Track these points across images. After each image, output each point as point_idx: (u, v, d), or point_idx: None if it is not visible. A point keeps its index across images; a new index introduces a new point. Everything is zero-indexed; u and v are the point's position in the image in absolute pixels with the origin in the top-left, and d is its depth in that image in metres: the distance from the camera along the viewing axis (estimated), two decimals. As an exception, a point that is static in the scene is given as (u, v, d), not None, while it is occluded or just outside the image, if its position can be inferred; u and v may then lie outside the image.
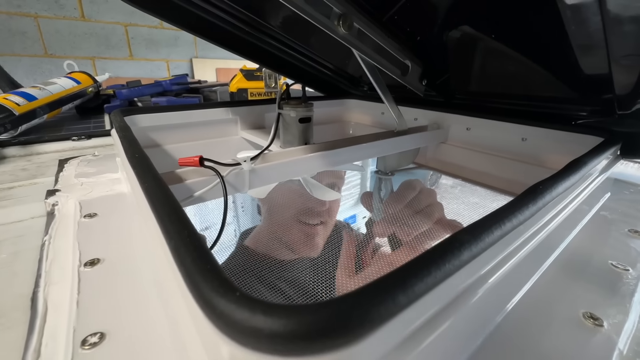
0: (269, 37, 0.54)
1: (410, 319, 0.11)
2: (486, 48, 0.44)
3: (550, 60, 0.39)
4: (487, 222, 0.14)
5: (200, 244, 0.12)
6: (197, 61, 2.40)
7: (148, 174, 0.18)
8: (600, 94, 0.38)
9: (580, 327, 0.18)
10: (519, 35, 0.39)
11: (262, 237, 0.45)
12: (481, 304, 0.15)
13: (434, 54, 0.48)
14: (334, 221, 0.46)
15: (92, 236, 0.26)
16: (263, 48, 0.56)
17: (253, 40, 0.54)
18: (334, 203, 0.46)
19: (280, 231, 0.44)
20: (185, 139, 0.51)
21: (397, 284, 0.10)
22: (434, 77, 0.51)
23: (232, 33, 0.51)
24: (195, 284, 0.10)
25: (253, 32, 0.52)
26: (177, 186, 0.27)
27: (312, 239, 0.42)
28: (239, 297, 0.09)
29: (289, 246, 0.42)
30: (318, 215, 0.44)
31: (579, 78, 0.38)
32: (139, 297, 0.19)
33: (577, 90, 0.39)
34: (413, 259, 0.11)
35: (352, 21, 0.34)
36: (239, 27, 0.50)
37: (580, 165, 0.22)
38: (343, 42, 0.34)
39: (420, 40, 0.46)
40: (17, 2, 1.74)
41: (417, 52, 0.46)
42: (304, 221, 0.44)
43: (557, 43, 0.36)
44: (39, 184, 0.38)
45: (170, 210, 0.14)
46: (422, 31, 0.45)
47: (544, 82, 0.42)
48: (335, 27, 0.33)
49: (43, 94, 0.56)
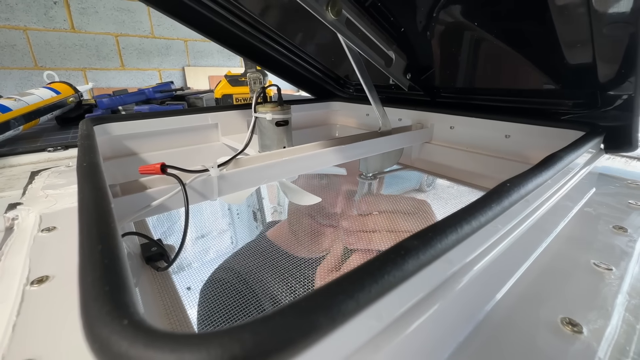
0: (260, 33, 0.54)
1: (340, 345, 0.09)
2: (471, 42, 0.43)
3: (535, 53, 0.38)
4: (441, 225, 0.13)
5: (113, 262, 0.11)
6: (189, 69, 2.40)
7: (87, 182, 0.17)
8: (584, 89, 0.37)
9: (557, 334, 0.17)
10: (505, 27, 0.38)
11: (282, 230, 0.46)
12: (443, 315, 0.14)
13: (419, 49, 0.47)
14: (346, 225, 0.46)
15: (46, 251, 0.24)
16: (254, 45, 0.56)
17: (247, 37, 0.54)
18: (347, 207, 0.46)
19: (296, 225, 0.44)
20: (165, 147, 0.50)
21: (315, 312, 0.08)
22: (419, 73, 0.50)
23: (226, 28, 0.52)
24: (86, 309, 0.09)
25: (247, 28, 0.52)
26: (137, 195, 0.26)
27: (317, 236, 0.42)
28: (125, 326, 0.08)
29: (300, 241, 0.42)
30: (328, 216, 0.44)
31: (563, 72, 0.37)
32: (78, 318, 0.18)
33: (561, 85, 0.38)
34: (340, 278, 0.10)
35: (340, 7, 0.34)
36: (232, 22, 0.51)
37: (555, 161, 0.21)
38: (331, 27, 0.34)
39: (405, 33, 0.45)
40: (5, 15, 1.73)
41: (401, 45, 0.45)
42: (315, 218, 0.44)
43: (543, 35, 0.35)
44: (4, 198, 0.36)
45: (91, 222, 0.13)
46: (407, 22, 0.45)
47: (528, 77, 0.41)
48: (324, 11, 0.33)
49: (18, 105, 0.54)
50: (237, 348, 0.07)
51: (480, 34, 0.41)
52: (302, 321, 0.08)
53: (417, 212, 0.30)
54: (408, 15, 0.44)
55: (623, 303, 0.19)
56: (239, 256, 0.45)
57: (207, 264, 0.52)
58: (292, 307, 0.08)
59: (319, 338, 0.08)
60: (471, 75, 0.47)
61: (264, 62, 0.61)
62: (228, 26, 0.52)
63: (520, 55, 0.39)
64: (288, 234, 0.45)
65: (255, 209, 0.90)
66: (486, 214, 0.14)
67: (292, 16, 0.50)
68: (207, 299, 0.36)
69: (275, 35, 0.55)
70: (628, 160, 0.45)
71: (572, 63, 0.35)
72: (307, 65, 0.64)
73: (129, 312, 0.08)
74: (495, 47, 0.41)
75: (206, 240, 0.74)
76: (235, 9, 0.49)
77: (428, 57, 0.48)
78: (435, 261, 0.12)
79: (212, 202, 0.31)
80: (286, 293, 0.34)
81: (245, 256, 0.44)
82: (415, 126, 0.50)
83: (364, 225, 0.29)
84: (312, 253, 0.40)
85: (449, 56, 0.46)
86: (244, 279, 0.38)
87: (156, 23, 2.20)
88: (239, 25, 0.53)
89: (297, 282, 0.34)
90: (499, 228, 0.17)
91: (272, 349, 0.07)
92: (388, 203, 0.31)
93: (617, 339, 0.17)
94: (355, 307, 0.09)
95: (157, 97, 0.78)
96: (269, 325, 0.08)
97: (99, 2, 1.99)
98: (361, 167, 0.48)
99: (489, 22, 0.39)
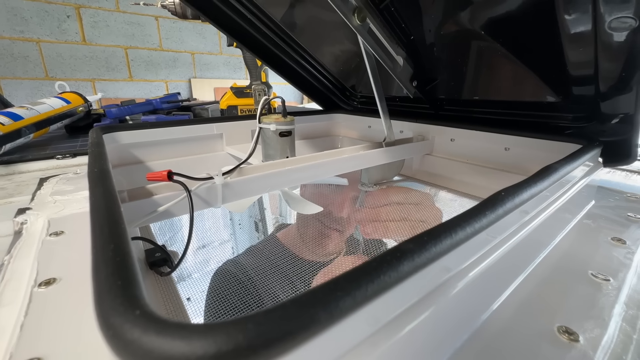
0: (280, 40, 0.58)
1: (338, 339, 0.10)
2: (477, 54, 0.44)
3: (538, 66, 0.39)
4: (436, 231, 0.13)
5: (124, 259, 0.11)
6: (195, 81, 2.45)
7: (98, 187, 0.18)
8: (584, 102, 0.38)
9: (554, 343, 0.17)
10: (510, 39, 0.39)
11: (291, 232, 0.47)
12: (439, 319, 0.14)
13: (425, 58, 0.49)
14: (351, 230, 0.46)
15: (54, 255, 0.25)
16: (273, 51, 0.60)
17: (268, 44, 0.58)
18: (352, 213, 0.47)
19: (303, 228, 0.45)
20: (171, 155, 0.51)
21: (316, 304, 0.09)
22: (424, 84, 0.51)
23: (254, 36, 0.56)
24: (100, 301, 0.09)
25: (271, 35, 0.56)
26: (144, 201, 0.26)
27: (324, 241, 0.43)
28: (137, 316, 0.08)
29: (306, 244, 0.42)
30: (335, 221, 0.45)
31: (564, 85, 0.38)
32: (86, 318, 0.18)
33: (562, 97, 0.39)
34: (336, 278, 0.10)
35: (365, 15, 0.37)
36: (261, 31, 0.55)
37: (550, 172, 0.21)
38: (356, 32, 0.38)
39: (414, 41, 0.47)
40: (20, 28, 1.79)
41: (409, 53, 0.48)
42: (324, 222, 0.45)
43: (547, 47, 0.36)
44: (14, 203, 0.37)
45: (103, 222, 0.13)
46: (416, 30, 0.46)
47: (530, 89, 0.42)
48: (351, 17, 0.36)
49: (30, 114, 0.56)
50: (241, 337, 0.08)
51: (485, 45, 0.42)
52: (302, 314, 0.09)
53: (423, 201, 0.32)
54: (418, 23, 0.46)
55: (620, 313, 0.19)
56: (248, 254, 0.46)
57: (208, 274, 0.52)
58: (293, 301, 0.09)
59: (318, 332, 0.09)
60: (474, 88, 0.48)
61: (281, 69, 0.64)
62: (255, 34, 0.56)
63: (522, 67, 0.40)
64: (296, 236, 0.46)
65: (257, 220, 0.91)
66: (480, 221, 0.15)
67: (311, 24, 0.54)
68: (214, 291, 0.37)
69: (292, 42, 0.59)
70: (628, 174, 0.46)
71: (574, 75, 0.35)
72: (318, 74, 0.66)
73: (140, 303, 0.09)
74: (499, 59, 0.42)
75: (207, 251, 0.74)
76: (265, 18, 0.53)
77: (434, 67, 0.49)
78: (430, 265, 0.12)
79: (214, 213, 0.31)
80: (290, 293, 0.34)
81: (254, 255, 0.45)
82: (417, 138, 0.51)
83: (378, 216, 0.30)
84: (319, 257, 0.41)
85: (454, 68, 0.47)
86: (250, 277, 0.38)
87: (164, 36, 2.26)
88: (267, 35, 0.57)
89: (302, 283, 0.35)
90: (493, 236, 0.17)
91: (274, 339, 0.08)
92: (396, 196, 0.32)
93: (613, 348, 0.17)
94: (352, 304, 0.10)
95: (164, 107, 0.80)
96: (271, 317, 0.08)
97: (110, 16, 2.05)
98: (362, 177, 0.49)
99: (496, 33, 0.40)
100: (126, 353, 0.08)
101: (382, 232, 0.31)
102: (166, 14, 2.17)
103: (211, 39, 2.45)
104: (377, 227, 0.30)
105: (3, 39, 1.76)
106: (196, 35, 2.39)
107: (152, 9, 1.37)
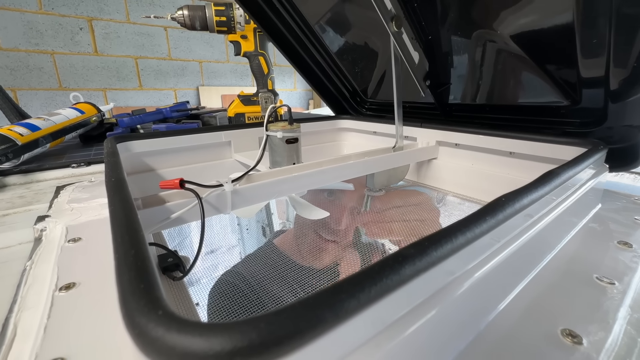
0: (307, 40, 0.62)
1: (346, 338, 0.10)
2: (490, 57, 0.45)
3: (549, 69, 0.39)
4: (437, 236, 0.14)
5: (144, 264, 0.12)
6: (203, 89, 2.50)
7: (117, 195, 0.19)
8: (592, 107, 0.38)
9: (557, 345, 0.17)
10: (524, 43, 0.40)
11: (287, 238, 0.47)
12: (443, 321, 0.15)
13: (439, 60, 0.50)
14: (348, 242, 0.47)
15: (73, 260, 0.26)
16: (299, 51, 0.64)
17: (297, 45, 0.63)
18: (351, 225, 0.47)
19: (300, 237, 0.45)
20: (181, 163, 0.52)
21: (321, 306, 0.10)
22: (435, 86, 0.53)
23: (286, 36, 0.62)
24: (125, 303, 0.10)
25: (301, 37, 0.61)
26: (157, 208, 0.27)
27: (320, 253, 0.43)
28: (160, 316, 0.09)
29: (301, 253, 0.43)
30: (333, 233, 0.45)
31: (574, 88, 0.38)
32: (105, 320, 0.19)
33: (570, 101, 0.39)
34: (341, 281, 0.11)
35: (401, 23, 0.40)
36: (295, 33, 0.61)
37: (552, 177, 0.21)
38: (392, 37, 0.41)
39: (430, 41, 0.49)
40: (35, 41, 1.85)
41: (426, 52, 0.49)
42: (320, 234, 0.45)
43: (560, 49, 0.37)
44: (33, 211, 0.39)
45: (124, 230, 0.14)
46: (434, 32, 0.48)
47: (539, 93, 0.42)
48: (390, 24, 0.40)
49: (46, 124, 0.58)
50: (254, 335, 0.09)
51: (498, 48, 0.43)
52: (310, 315, 0.09)
53: (423, 202, 0.32)
54: (436, 25, 0.47)
55: (625, 316, 0.20)
56: (247, 261, 0.46)
57: (216, 280, 0.53)
58: (301, 303, 0.10)
59: (325, 331, 0.10)
60: (483, 92, 0.49)
61: (306, 72, 0.69)
62: (289, 36, 0.61)
63: (534, 71, 0.41)
64: (294, 242, 0.47)
65: (265, 225, 0.92)
66: (480, 226, 0.15)
67: (342, 30, 0.59)
68: (216, 298, 0.38)
69: (321, 46, 0.63)
70: (637, 177, 0.45)
71: (584, 78, 0.36)
72: (336, 79, 0.70)
73: (162, 304, 0.10)
74: (511, 62, 0.43)
75: (215, 256, 0.75)
76: (301, 21, 0.59)
77: (446, 71, 0.50)
78: (432, 268, 0.13)
79: (222, 218, 0.32)
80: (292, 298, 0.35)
81: (253, 262, 0.45)
82: (422, 143, 0.51)
83: (382, 218, 0.31)
84: (317, 262, 0.41)
85: (466, 72, 0.48)
86: (250, 284, 0.39)
87: (173, 46, 2.32)
88: (300, 38, 0.62)
89: (302, 289, 0.35)
90: (497, 239, 0.18)
91: (284, 337, 0.09)
92: (399, 199, 0.33)
93: (617, 351, 0.17)
94: (356, 305, 0.10)
95: (174, 116, 0.82)
96: (281, 316, 0.09)
97: (121, 28, 2.11)
98: (368, 182, 0.50)
99: (511, 37, 0.41)
100: (152, 349, 0.09)
101: (387, 234, 0.31)
102: (175, 25, 2.23)
103: (218, 47, 2.50)
104: (382, 229, 0.31)
105: (19, 51, 1.82)
106: (204, 44, 2.44)
107: (161, 20, 1.41)
